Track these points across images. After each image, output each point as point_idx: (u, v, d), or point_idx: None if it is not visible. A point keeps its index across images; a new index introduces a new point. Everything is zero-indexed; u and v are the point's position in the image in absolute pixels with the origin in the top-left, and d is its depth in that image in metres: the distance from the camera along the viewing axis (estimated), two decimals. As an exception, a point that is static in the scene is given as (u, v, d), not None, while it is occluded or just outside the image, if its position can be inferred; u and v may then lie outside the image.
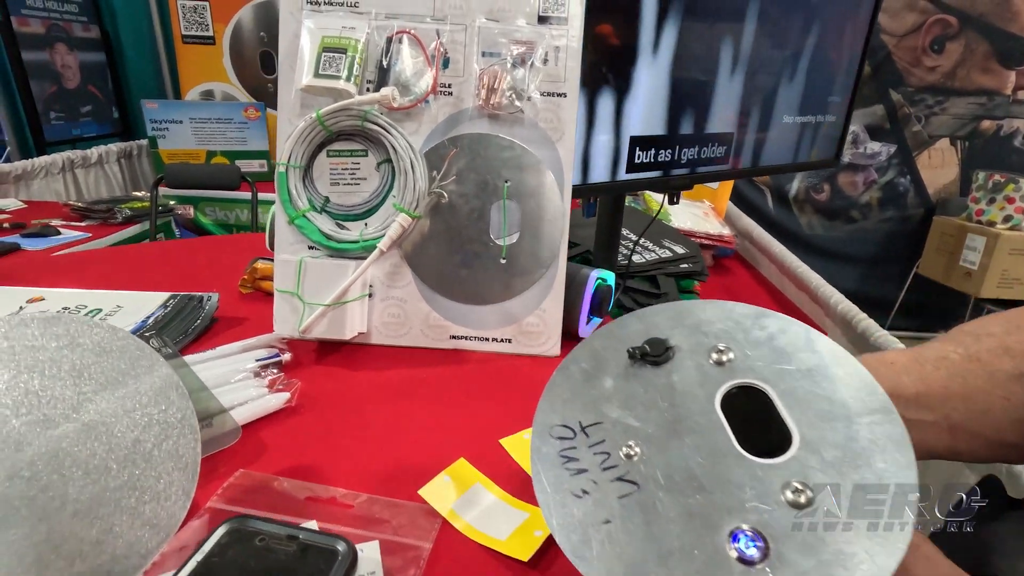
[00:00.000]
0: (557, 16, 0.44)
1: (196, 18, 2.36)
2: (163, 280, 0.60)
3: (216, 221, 2.21)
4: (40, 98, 2.26)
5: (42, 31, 2.26)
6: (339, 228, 0.46)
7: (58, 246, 1.64)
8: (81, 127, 2.46)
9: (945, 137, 2.79)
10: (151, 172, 2.45)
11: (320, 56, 0.43)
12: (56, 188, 2.19)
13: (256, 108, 2.38)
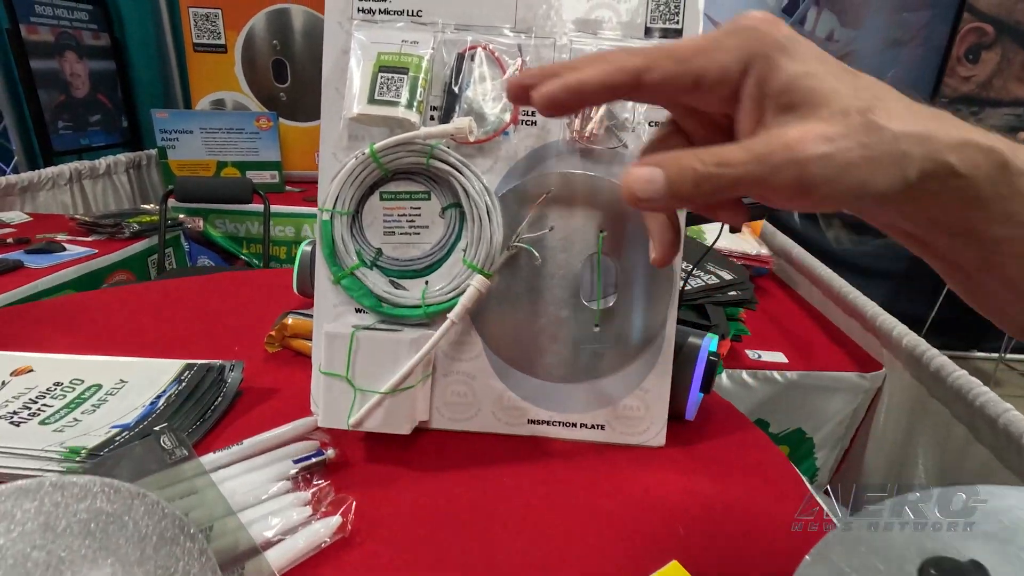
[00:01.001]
0: (669, 27, 0.35)
1: (208, 26, 2.30)
2: (176, 332, 0.51)
3: (226, 234, 2.14)
4: (48, 107, 2.20)
5: (51, 39, 2.20)
6: (394, 287, 0.37)
7: (62, 263, 1.56)
8: (89, 136, 2.39)
9: (979, 149, 2.68)
10: (160, 183, 2.38)
11: (376, 77, 0.35)
12: (63, 200, 2.12)
13: (268, 118, 2.31)
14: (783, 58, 0.19)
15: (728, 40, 0.20)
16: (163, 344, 0.49)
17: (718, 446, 0.39)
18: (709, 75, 0.21)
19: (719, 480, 0.36)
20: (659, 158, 0.20)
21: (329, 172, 0.36)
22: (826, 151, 0.19)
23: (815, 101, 0.19)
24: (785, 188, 0.20)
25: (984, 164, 0.19)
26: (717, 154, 0.20)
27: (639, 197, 0.20)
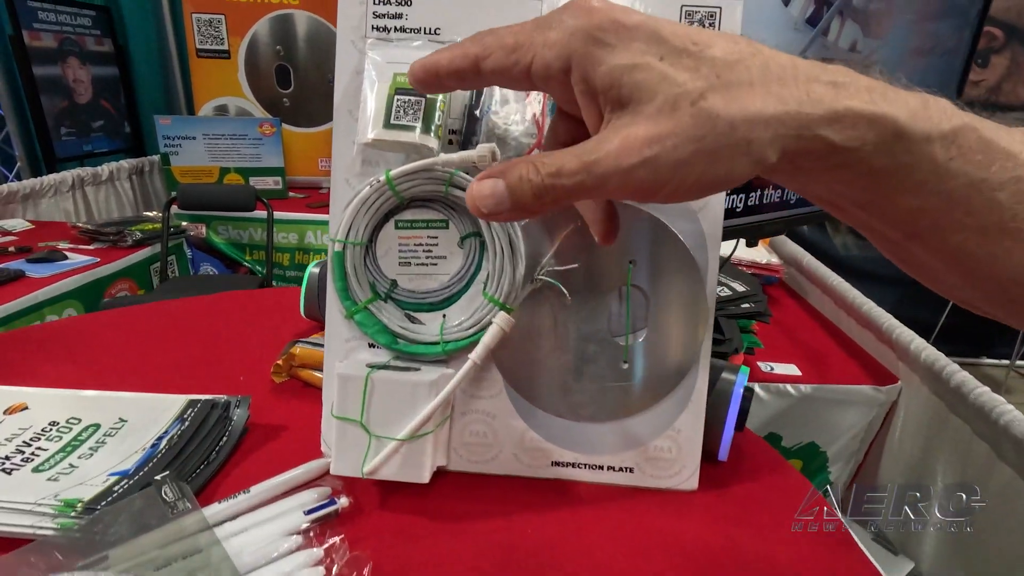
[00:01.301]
0: (703, 46, 0.33)
1: (211, 32, 2.29)
2: (178, 360, 0.49)
3: (229, 240, 2.13)
4: (51, 113, 2.19)
5: (54, 45, 2.19)
6: (410, 322, 0.35)
7: (64, 273, 1.54)
8: (93, 143, 2.38)
9: (989, 154, 2.65)
10: (163, 189, 2.37)
11: (392, 100, 0.32)
12: (65, 207, 2.11)
13: (271, 124, 2.30)
14: (602, 51, 0.18)
15: (552, 34, 0.19)
16: (165, 373, 0.47)
17: (755, 490, 0.37)
18: (536, 71, 0.19)
19: (758, 528, 0.34)
20: (501, 168, 0.20)
21: (341, 199, 0.34)
22: (649, 155, 0.17)
23: (642, 96, 0.18)
24: (621, 194, 0.18)
25: (869, 135, 0.17)
26: (553, 164, 0.19)
27: (483, 212, 0.20)
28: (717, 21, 0.33)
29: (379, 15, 0.34)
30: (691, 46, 0.18)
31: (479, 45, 0.21)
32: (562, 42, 0.19)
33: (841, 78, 0.17)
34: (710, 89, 0.17)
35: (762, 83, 0.17)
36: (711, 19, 0.33)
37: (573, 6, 0.19)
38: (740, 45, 0.18)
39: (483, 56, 0.20)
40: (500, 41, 0.20)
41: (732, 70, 0.17)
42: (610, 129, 0.18)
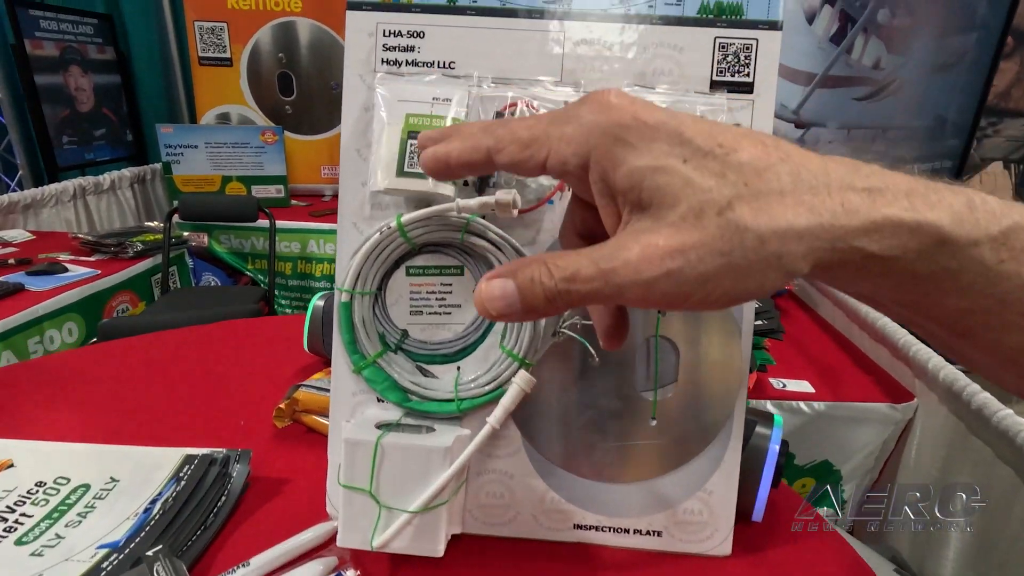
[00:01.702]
0: (739, 80, 0.31)
1: (213, 39, 2.27)
2: (174, 401, 0.46)
3: (231, 249, 2.11)
4: (52, 122, 2.18)
5: (56, 54, 2.18)
6: (422, 374, 0.33)
7: (64, 286, 1.53)
8: (95, 151, 2.37)
9: (998, 160, 2.63)
10: (165, 198, 2.35)
11: (405, 145, 0.30)
12: (67, 216, 2.09)
13: (274, 132, 2.29)
14: (624, 150, 0.17)
15: (568, 129, 0.18)
16: (160, 417, 0.44)
17: (792, 554, 0.34)
18: (552, 166, 0.18)
19: (797, 599, 0.31)
20: (512, 267, 0.18)
21: (349, 245, 0.32)
22: (672, 268, 0.16)
23: (664, 201, 0.16)
24: (640, 304, 0.17)
25: (911, 244, 0.16)
26: (567, 267, 0.17)
27: (492, 314, 0.18)
28: (754, 53, 0.31)
29: (389, 48, 0.31)
30: (717, 148, 0.16)
31: (491, 137, 0.20)
32: (580, 138, 0.18)
33: (877, 183, 0.16)
34: (737, 198, 0.16)
35: (793, 192, 0.16)
36: (747, 51, 0.31)
37: (591, 101, 0.18)
38: (769, 149, 0.17)
39: (496, 149, 0.20)
40: (514, 135, 0.19)
41: (761, 177, 0.16)
42: (629, 234, 0.17)
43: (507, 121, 0.20)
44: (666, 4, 0.31)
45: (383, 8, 0.31)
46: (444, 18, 0.31)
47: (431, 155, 0.21)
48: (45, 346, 1.44)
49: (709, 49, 0.31)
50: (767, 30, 0.30)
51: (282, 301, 2.09)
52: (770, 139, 0.17)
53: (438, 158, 0.21)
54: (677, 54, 0.31)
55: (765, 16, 0.30)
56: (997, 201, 0.16)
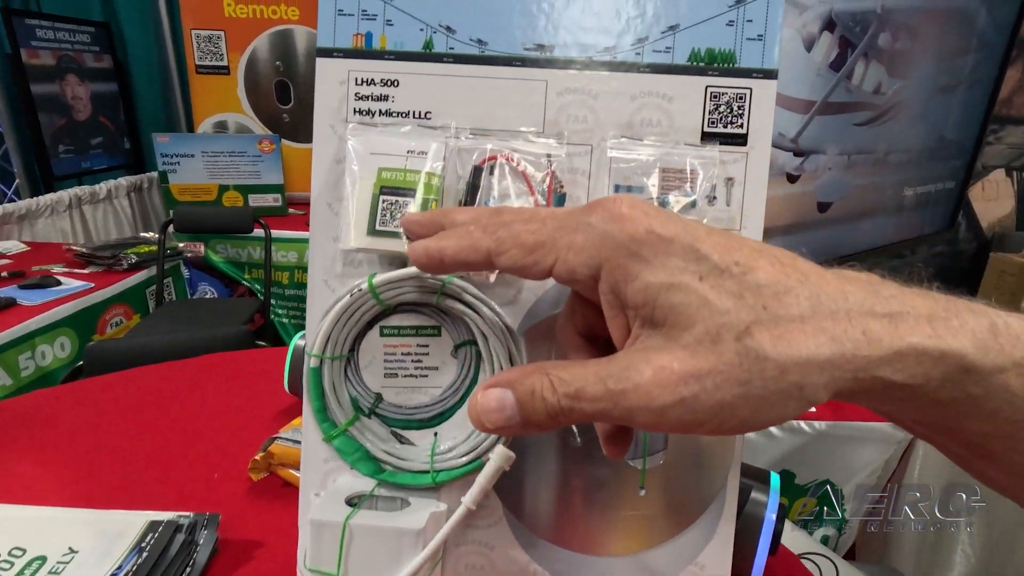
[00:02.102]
0: (732, 132, 0.29)
1: (211, 48, 2.26)
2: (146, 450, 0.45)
3: (228, 259, 2.10)
4: (49, 131, 2.17)
5: (52, 63, 2.17)
6: (397, 440, 0.31)
7: (58, 300, 1.51)
8: (91, 160, 2.36)
9: (1000, 168, 2.61)
10: (162, 207, 2.34)
11: (377, 202, 0.28)
12: (62, 226, 2.08)
13: (271, 141, 2.27)
14: (638, 265, 0.16)
15: (577, 237, 0.17)
16: (130, 469, 0.42)
17: (789, 629, 0.33)
18: (558, 274, 0.18)
19: None
20: (511, 377, 0.17)
21: (319, 304, 0.30)
22: (686, 395, 0.15)
23: (679, 320, 0.16)
24: (651, 428, 0.16)
25: (935, 372, 0.15)
26: (572, 382, 0.17)
27: (487, 427, 0.18)
28: (748, 103, 0.29)
29: (362, 97, 0.30)
30: (733, 266, 0.16)
31: (491, 238, 0.19)
32: (591, 249, 0.17)
33: (897, 307, 0.16)
34: (756, 323, 0.15)
35: (813, 318, 0.15)
36: (740, 101, 0.29)
37: (601, 209, 0.17)
38: (786, 269, 0.16)
39: (497, 252, 0.19)
40: (517, 239, 0.18)
41: (780, 301, 0.15)
42: (640, 352, 0.16)
43: (507, 220, 0.19)
44: (654, 51, 0.29)
45: (355, 55, 0.29)
46: (420, 66, 0.29)
47: (423, 250, 0.20)
48: (37, 362, 1.42)
49: (700, 99, 0.29)
50: (762, 79, 0.29)
51: (279, 311, 2.08)
52: (787, 257, 0.16)
53: (431, 255, 0.20)
54: (666, 104, 0.29)
55: (760, 64, 0.29)
56: (1020, 322, 0.16)
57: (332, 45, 0.29)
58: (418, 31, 0.29)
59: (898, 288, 0.16)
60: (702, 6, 0.28)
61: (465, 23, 0.29)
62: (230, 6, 2.19)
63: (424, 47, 0.29)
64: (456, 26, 0.29)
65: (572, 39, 0.29)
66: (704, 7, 0.28)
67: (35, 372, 1.42)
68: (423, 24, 0.29)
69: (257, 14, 2.23)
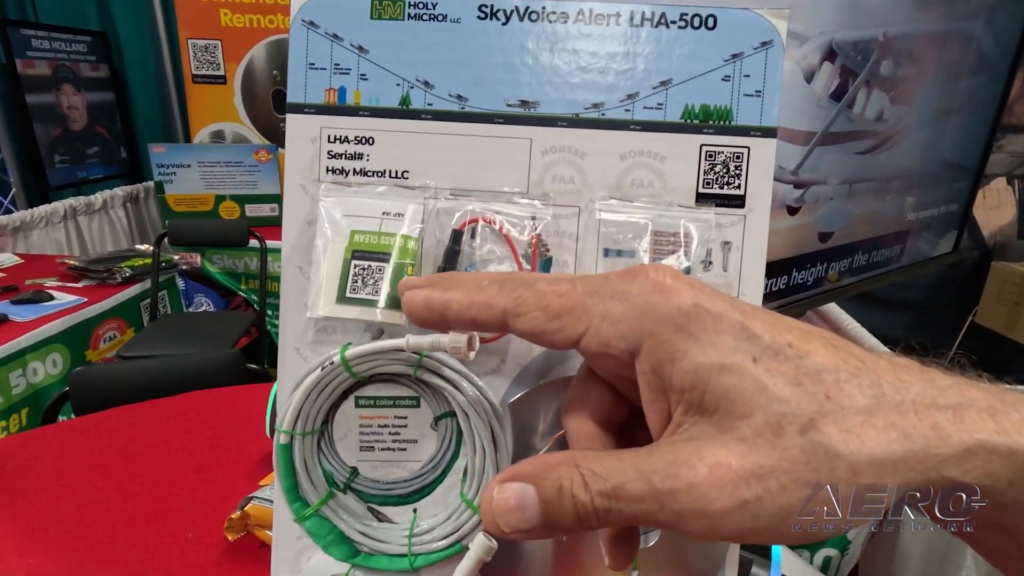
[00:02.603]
0: (728, 193, 0.27)
1: (207, 57, 2.25)
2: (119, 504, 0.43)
3: (224, 269, 2.08)
4: (44, 141, 2.15)
5: (48, 72, 2.16)
6: (374, 518, 0.29)
7: (50, 315, 1.49)
8: (87, 169, 2.35)
9: (1001, 176, 2.59)
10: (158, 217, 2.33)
11: (348, 267, 0.27)
12: (57, 237, 2.07)
13: (267, 151, 2.26)
14: (686, 342, 0.15)
15: (614, 307, 0.16)
16: (102, 525, 0.41)
17: None
18: (588, 344, 0.16)
19: None
20: (532, 469, 0.15)
21: (290, 375, 0.28)
22: (748, 498, 0.13)
23: (734, 408, 0.14)
24: (702, 536, 0.14)
25: (1004, 473, 0.14)
26: (608, 477, 0.14)
27: (504, 529, 0.15)
28: (745, 162, 0.27)
29: (335, 155, 0.28)
30: (787, 348, 0.14)
31: (510, 298, 0.17)
32: (631, 321, 0.15)
33: (957, 398, 0.14)
34: (821, 415, 0.14)
35: (879, 411, 0.14)
36: (737, 160, 0.27)
37: (641, 277, 0.16)
38: (840, 353, 0.15)
39: (515, 313, 0.17)
40: (540, 300, 0.16)
41: (842, 390, 0.14)
42: (688, 443, 0.14)
43: (528, 279, 0.17)
44: (645, 108, 0.27)
45: (328, 111, 0.28)
46: (396, 123, 0.28)
47: (423, 301, 0.19)
48: (28, 379, 1.41)
49: (694, 158, 0.27)
50: (760, 137, 0.27)
51: (276, 322, 2.06)
52: (837, 340, 0.15)
53: (432, 306, 0.18)
54: (658, 163, 0.27)
55: (758, 122, 0.27)
56: None
57: (303, 100, 0.28)
58: (394, 86, 0.27)
59: (952, 377, 0.15)
60: (696, 60, 0.27)
61: (444, 78, 0.27)
62: (227, 15, 2.18)
63: (401, 103, 0.27)
64: (434, 81, 0.27)
65: (557, 95, 0.27)
66: (698, 62, 0.27)
67: (26, 389, 1.40)
68: (399, 79, 0.27)
69: (254, 23, 2.22)
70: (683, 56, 0.27)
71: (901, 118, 0.63)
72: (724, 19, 0.27)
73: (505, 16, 0.27)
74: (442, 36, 0.27)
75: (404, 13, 0.27)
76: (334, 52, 0.27)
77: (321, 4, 0.27)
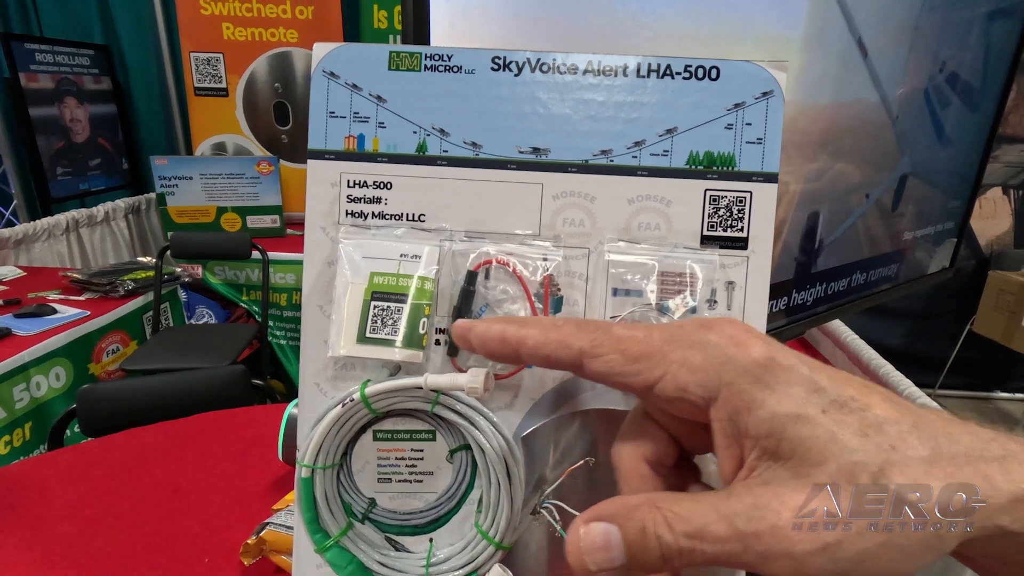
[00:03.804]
0: (732, 235, 0.29)
1: (209, 70, 2.27)
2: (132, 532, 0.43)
3: (226, 281, 2.09)
4: (47, 154, 2.17)
5: (51, 86, 2.17)
6: (391, 548, 0.30)
7: (53, 329, 1.50)
8: (89, 181, 2.36)
9: (997, 186, 2.61)
10: (160, 228, 2.34)
11: (368, 308, 0.28)
12: (59, 249, 2.07)
13: (269, 162, 2.27)
14: (762, 392, 0.16)
15: (694, 355, 0.17)
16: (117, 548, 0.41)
17: None
18: (664, 389, 0.17)
19: None
20: (614, 510, 0.16)
21: (311, 411, 0.29)
22: (830, 540, 0.14)
23: (810, 456, 0.15)
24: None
25: None
26: (690, 519, 0.15)
27: (591, 569, 0.16)
28: (748, 206, 0.28)
29: (354, 199, 0.29)
30: (850, 401, 0.16)
31: (586, 339, 0.18)
32: (710, 369, 0.16)
33: (1000, 450, 0.15)
34: (888, 464, 0.15)
35: (938, 461, 0.15)
36: (740, 204, 0.28)
37: (718, 329, 0.17)
38: (899, 408, 0.16)
39: (592, 354, 0.18)
40: (618, 344, 0.18)
41: (905, 442, 0.15)
42: (767, 488, 0.15)
43: (601, 324, 0.19)
44: (652, 155, 0.28)
45: (347, 157, 0.29)
46: (413, 168, 0.29)
47: (498, 334, 0.19)
48: (32, 393, 1.41)
49: (699, 202, 0.28)
50: (762, 182, 0.28)
51: (277, 333, 2.07)
52: (891, 394, 0.16)
53: (507, 341, 0.19)
54: (664, 207, 0.29)
55: (760, 168, 0.28)
56: None
57: (324, 147, 0.29)
58: (411, 134, 0.29)
59: (992, 431, 0.16)
60: (700, 109, 0.28)
61: (459, 126, 0.28)
62: (229, 29, 2.20)
63: (417, 150, 0.29)
64: (450, 129, 0.28)
65: (567, 142, 0.28)
66: (702, 110, 0.28)
67: (29, 403, 1.40)
68: (416, 127, 0.29)
69: (256, 37, 2.24)
70: (688, 106, 0.28)
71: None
72: (727, 71, 0.28)
73: (517, 68, 0.28)
74: (457, 87, 0.28)
75: (421, 65, 0.28)
76: (354, 101, 0.29)
77: (342, 56, 0.29)
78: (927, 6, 0.58)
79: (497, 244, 0.29)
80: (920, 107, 0.65)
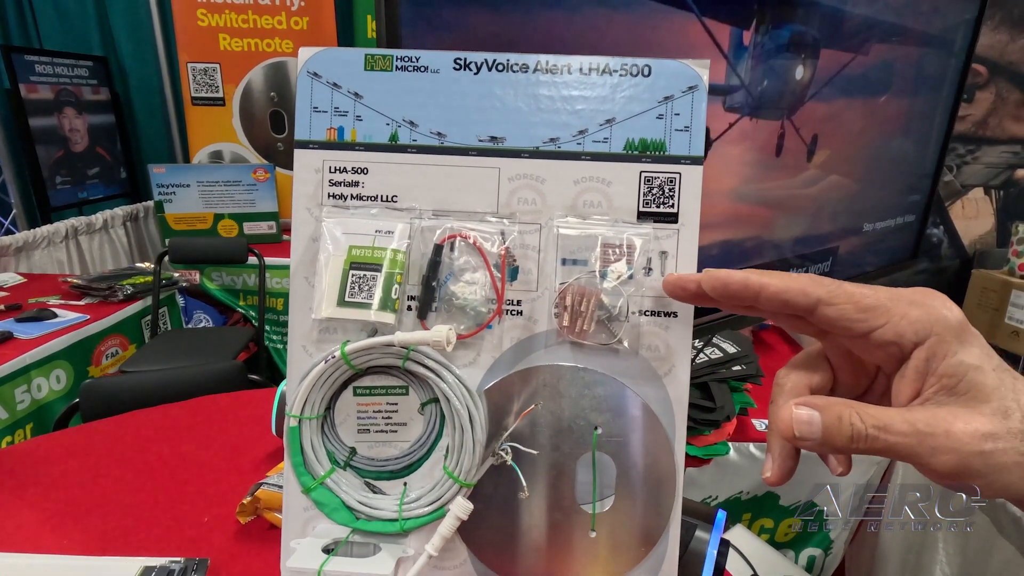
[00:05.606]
0: (663, 211, 0.33)
1: (206, 80, 2.32)
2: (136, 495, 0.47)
3: (223, 286, 2.12)
4: (46, 164, 2.21)
5: (51, 96, 2.22)
6: (369, 491, 0.34)
7: (54, 332, 1.53)
8: (88, 190, 2.40)
9: (979, 187, 2.68)
10: (158, 236, 2.38)
11: (347, 276, 0.32)
12: (59, 257, 2.11)
13: (265, 170, 2.32)
14: (958, 345, 0.21)
15: (912, 311, 0.22)
16: (121, 518, 0.45)
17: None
18: (883, 334, 0.22)
19: None
20: (819, 403, 0.22)
21: (298, 369, 0.33)
22: (986, 449, 0.20)
23: (979, 395, 0.21)
24: (940, 469, 0.20)
25: None
26: (877, 416, 0.21)
27: (794, 435, 0.22)
28: (677, 185, 0.33)
29: (335, 183, 0.33)
30: (1000, 363, 0.22)
31: (824, 290, 0.23)
32: (925, 324, 0.22)
33: None
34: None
35: None
36: (671, 184, 0.33)
37: (935, 297, 0.22)
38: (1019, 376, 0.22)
39: (828, 301, 0.23)
40: (851, 297, 0.22)
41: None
42: (942, 409, 0.21)
43: (834, 280, 0.23)
44: (594, 142, 0.33)
45: (329, 147, 0.33)
46: (386, 156, 0.33)
47: (742, 279, 0.24)
48: (33, 395, 1.44)
49: (635, 183, 0.33)
50: (689, 164, 0.32)
51: (274, 337, 2.10)
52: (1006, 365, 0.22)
53: (750, 284, 0.24)
54: (606, 187, 0.33)
55: (687, 152, 0.32)
56: None
57: (308, 138, 0.33)
58: (384, 125, 0.33)
59: None
60: (635, 102, 0.32)
61: (426, 118, 0.33)
62: (225, 40, 2.25)
63: (390, 139, 0.33)
64: (418, 121, 0.33)
65: (521, 131, 0.33)
66: (637, 103, 0.32)
67: (31, 405, 1.43)
68: (389, 119, 0.33)
69: (252, 47, 2.29)
70: (624, 99, 0.32)
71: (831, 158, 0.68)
72: (657, 68, 0.32)
73: (476, 67, 0.33)
74: (424, 84, 0.33)
75: (392, 66, 0.33)
76: (334, 98, 0.33)
77: (323, 58, 0.33)
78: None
79: (460, 221, 0.33)
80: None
